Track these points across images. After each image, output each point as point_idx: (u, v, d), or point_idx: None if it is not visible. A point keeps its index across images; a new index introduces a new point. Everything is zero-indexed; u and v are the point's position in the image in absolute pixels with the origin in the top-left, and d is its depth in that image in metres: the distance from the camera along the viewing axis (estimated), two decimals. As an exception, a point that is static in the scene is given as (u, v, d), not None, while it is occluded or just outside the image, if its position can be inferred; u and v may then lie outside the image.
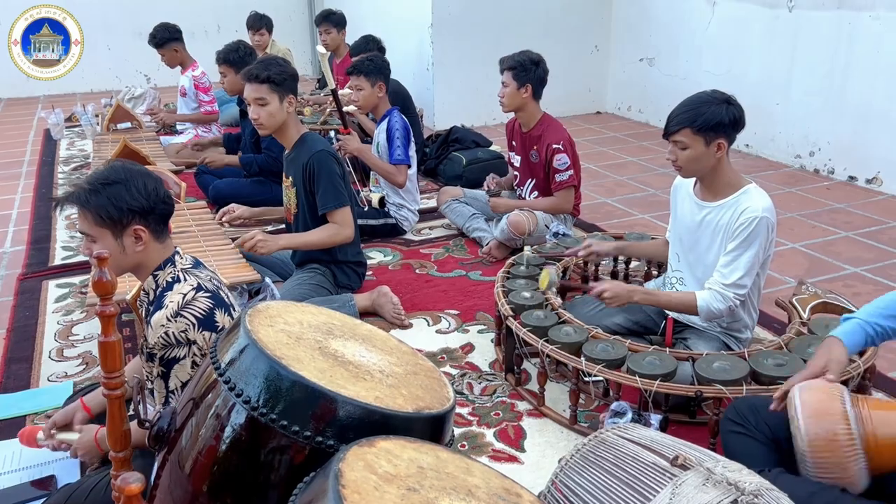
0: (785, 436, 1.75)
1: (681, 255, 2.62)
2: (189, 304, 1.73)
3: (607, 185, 5.02)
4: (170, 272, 1.82)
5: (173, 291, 1.77)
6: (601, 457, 1.53)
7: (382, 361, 1.51)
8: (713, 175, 2.41)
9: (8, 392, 2.70)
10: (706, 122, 2.29)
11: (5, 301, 3.45)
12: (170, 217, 1.87)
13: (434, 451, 1.28)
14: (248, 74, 2.96)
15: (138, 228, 1.77)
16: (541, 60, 3.66)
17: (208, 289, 1.80)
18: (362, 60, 4.05)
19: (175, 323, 1.71)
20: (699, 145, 2.32)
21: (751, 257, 2.34)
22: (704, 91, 2.40)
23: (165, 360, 1.72)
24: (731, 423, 1.90)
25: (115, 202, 1.74)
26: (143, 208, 1.77)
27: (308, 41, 9.37)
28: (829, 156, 5.10)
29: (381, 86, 4.01)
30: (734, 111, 2.32)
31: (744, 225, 2.32)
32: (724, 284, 2.37)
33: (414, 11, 6.52)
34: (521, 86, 3.60)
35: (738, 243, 2.34)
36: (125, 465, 1.47)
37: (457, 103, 6.43)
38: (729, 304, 2.38)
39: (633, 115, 6.92)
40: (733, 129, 2.33)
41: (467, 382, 2.70)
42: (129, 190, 1.75)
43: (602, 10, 6.84)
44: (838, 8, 4.84)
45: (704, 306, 2.40)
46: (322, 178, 3.03)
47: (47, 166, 5.64)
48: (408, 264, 3.73)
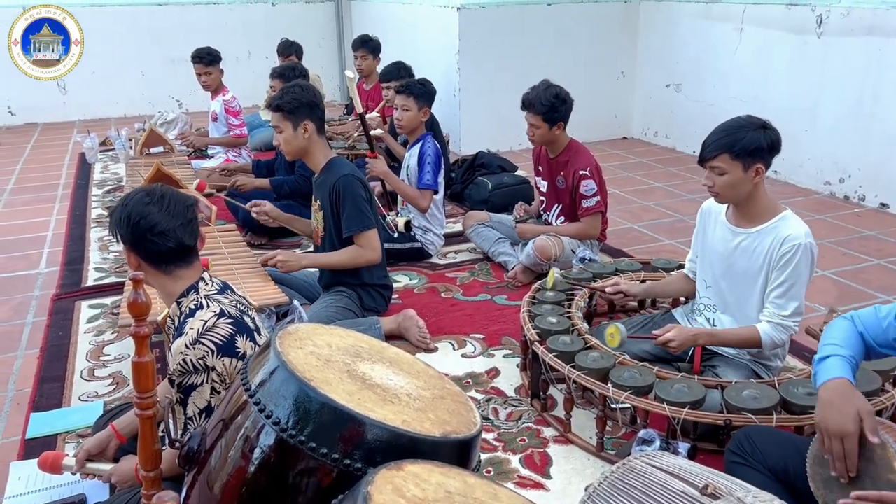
0: (781, 467, 1.75)
1: (710, 282, 2.60)
2: (209, 331, 1.74)
3: (634, 211, 5.00)
4: (192, 299, 1.84)
5: (195, 318, 1.78)
6: (629, 485, 1.51)
7: (410, 385, 1.52)
8: (749, 201, 2.40)
9: (41, 411, 2.75)
10: (745, 147, 2.28)
11: (39, 321, 3.52)
12: (173, 253, 1.83)
13: (461, 476, 1.28)
14: (268, 101, 3.06)
15: (131, 256, 1.86)
16: (566, 95, 3.63)
17: (231, 314, 1.81)
18: (414, 82, 4.12)
19: (193, 350, 1.71)
20: (737, 171, 2.31)
21: (803, 285, 2.36)
22: (740, 116, 2.39)
23: (184, 386, 1.73)
24: (732, 454, 1.90)
25: (113, 224, 1.86)
26: (129, 240, 1.83)
27: (336, 67, 9.52)
28: (860, 182, 5.04)
29: (426, 111, 4.08)
30: (771, 135, 2.32)
31: (790, 253, 2.31)
32: (783, 316, 2.37)
33: (441, 38, 6.60)
34: (552, 126, 3.61)
35: (788, 273, 2.33)
36: (155, 485, 1.49)
37: (483, 129, 6.48)
38: (791, 333, 2.40)
39: (659, 140, 6.91)
40: (770, 153, 2.33)
41: (493, 407, 2.69)
42: (121, 217, 1.83)
43: (628, 36, 6.87)
44: (868, 34, 4.81)
45: (768, 340, 2.39)
46: (347, 201, 3.07)
47: (82, 189, 5.76)
48: (433, 288, 3.74)
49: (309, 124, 3.05)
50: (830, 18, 5.04)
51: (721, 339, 2.52)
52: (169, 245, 1.82)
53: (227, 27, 8.79)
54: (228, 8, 8.97)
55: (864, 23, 4.83)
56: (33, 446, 2.52)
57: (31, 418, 2.69)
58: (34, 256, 4.39)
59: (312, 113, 3.06)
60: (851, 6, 4.91)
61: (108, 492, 2.19)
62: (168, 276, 1.86)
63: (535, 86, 3.66)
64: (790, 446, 1.75)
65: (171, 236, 1.81)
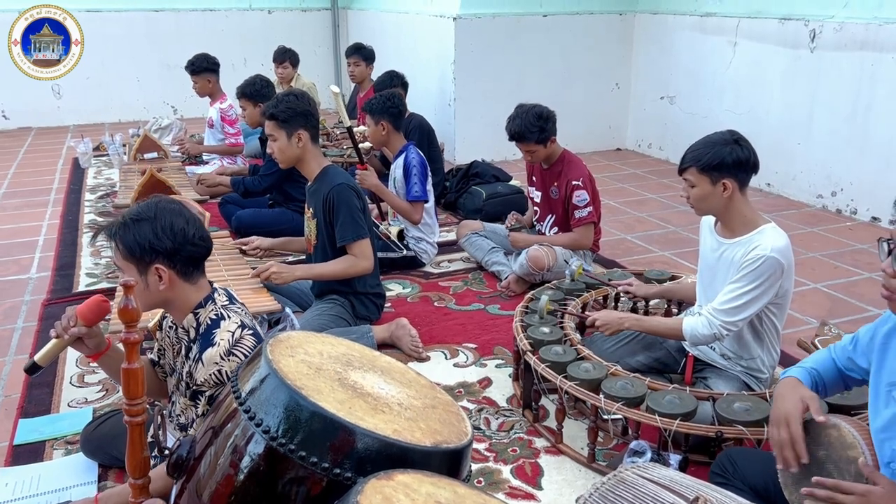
0: (762, 485, 1.81)
1: (702, 290, 2.62)
2: (238, 343, 1.75)
3: (627, 222, 5.02)
4: (211, 309, 1.83)
5: (221, 329, 1.77)
6: (620, 496, 1.51)
7: (401, 394, 1.51)
8: (727, 213, 2.42)
9: (29, 417, 2.73)
10: (709, 162, 2.34)
11: (29, 326, 3.50)
12: (202, 258, 1.86)
13: (452, 487, 1.27)
14: (262, 111, 3.10)
15: (159, 268, 1.77)
16: (547, 110, 3.61)
17: (249, 325, 1.82)
18: (370, 100, 4.14)
19: (228, 361, 1.71)
20: (705, 184, 2.36)
21: (748, 293, 2.32)
22: (719, 131, 2.43)
23: (214, 398, 1.71)
24: (715, 474, 1.92)
25: (139, 240, 1.76)
26: (166, 249, 1.77)
27: (332, 76, 9.53)
28: (852, 196, 5.07)
29: (383, 124, 4.06)
30: (739, 152, 2.33)
31: (750, 261, 2.31)
32: (714, 309, 2.37)
33: (437, 48, 6.62)
34: (546, 144, 3.62)
35: (740, 276, 2.33)
36: (143, 493, 1.47)
37: (478, 138, 6.49)
38: (714, 331, 2.37)
39: (653, 152, 6.94)
40: (738, 169, 2.34)
41: (484, 417, 2.69)
42: (154, 229, 1.76)
43: (623, 48, 6.91)
44: (860, 49, 4.85)
45: (689, 330, 2.42)
46: (341, 210, 3.07)
47: (74, 194, 5.75)
48: (426, 297, 3.74)
49: (303, 133, 3.05)
50: (824, 33, 5.08)
51: (646, 325, 2.63)
52: (205, 248, 1.84)
53: (223, 34, 8.81)
54: (225, 15, 8.99)
55: (857, 38, 4.87)
56: (21, 452, 2.50)
57: (19, 424, 2.67)
58: (25, 261, 4.36)
59: (307, 122, 3.06)
60: (844, 21, 4.95)
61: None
62: (193, 287, 1.85)
63: (513, 115, 3.62)
64: (769, 464, 1.78)
65: (206, 239, 1.84)
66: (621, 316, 2.62)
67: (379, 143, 4.19)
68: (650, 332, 2.64)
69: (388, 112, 4.04)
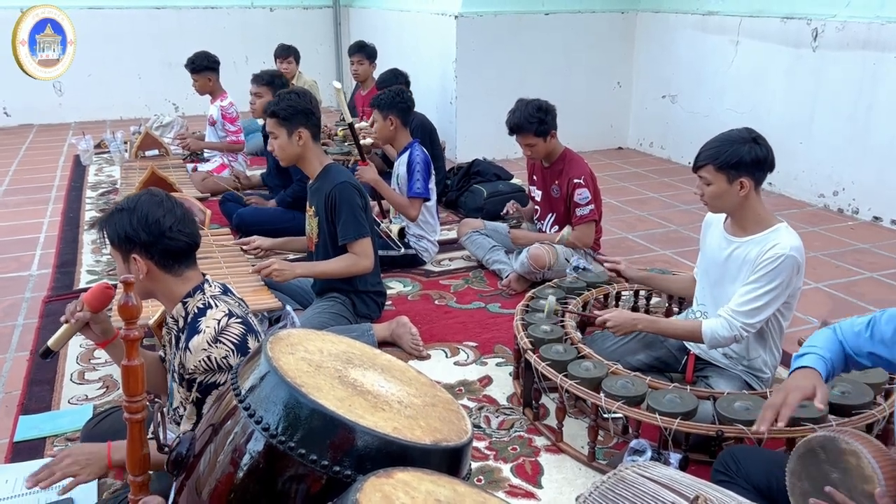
0: (765, 484, 1.80)
1: (706, 289, 2.61)
2: (224, 331, 1.74)
3: (628, 221, 5.01)
4: (199, 299, 1.83)
5: (207, 317, 1.77)
6: (620, 495, 1.51)
7: (401, 392, 1.51)
8: (741, 212, 2.40)
9: (29, 413, 2.73)
10: (727, 160, 2.31)
11: (30, 323, 3.50)
12: (184, 251, 1.84)
13: (451, 485, 1.27)
14: (264, 108, 3.11)
15: (136, 258, 1.79)
16: (547, 104, 3.61)
17: (238, 315, 1.81)
18: (378, 94, 4.13)
19: (216, 348, 1.71)
20: (722, 182, 2.33)
21: (769, 292, 2.32)
22: (736, 129, 2.41)
23: (204, 385, 1.72)
24: (718, 472, 1.92)
25: (118, 229, 1.79)
26: (142, 240, 1.78)
27: (333, 73, 9.53)
28: (853, 196, 5.06)
29: (392, 119, 4.06)
30: (758, 151, 2.32)
31: (769, 259, 2.30)
32: (734, 311, 2.35)
33: (439, 46, 6.62)
34: (546, 138, 3.61)
35: (760, 276, 2.32)
36: (143, 490, 1.47)
37: (479, 136, 6.49)
38: (735, 333, 2.35)
39: (654, 150, 6.93)
40: (756, 168, 2.33)
41: (484, 416, 2.69)
42: (131, 220, 1.78)
43: (625, 46, 6.90)
44: (863, 48, 4.84)
45: (709, 332, 2.39)
46: (343, 208, 3.06)
47: (76, 191, 5.75)
48: (427, 295, 3.74)
49: (304, 131, 3.04)
50: (826, 32, 5.07)
51: (661, 327, 2.56)
52: (185, 242, 1.82)
53: (225, 31, 8.80)
54: (227, 12, 8.98)
55: (859, 37, 4.86)
56: (21, 449, 2.51)
57: (19, 421, 2.67)
58: (26, 258, 4.37)
59: (308, 120, 3.05)
60: (847, 20, 4.94)
61: (95, 496, 2.18)
62: (177, 279, 1.84)
63: (513, 109, 3.63)
64: (773, 464, 1.77)
65: (186, 233, 1.82)
66: (635, 317, 2.55)
67: (386, 138, 4.17)
68: (665, 333, 2.60)
69: (397, 107, 4.04)
